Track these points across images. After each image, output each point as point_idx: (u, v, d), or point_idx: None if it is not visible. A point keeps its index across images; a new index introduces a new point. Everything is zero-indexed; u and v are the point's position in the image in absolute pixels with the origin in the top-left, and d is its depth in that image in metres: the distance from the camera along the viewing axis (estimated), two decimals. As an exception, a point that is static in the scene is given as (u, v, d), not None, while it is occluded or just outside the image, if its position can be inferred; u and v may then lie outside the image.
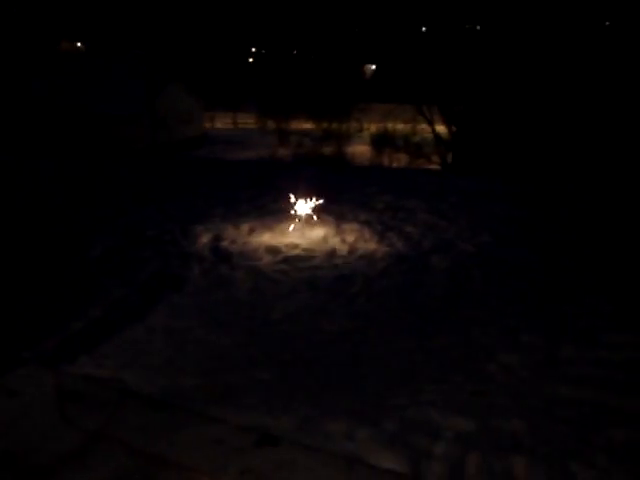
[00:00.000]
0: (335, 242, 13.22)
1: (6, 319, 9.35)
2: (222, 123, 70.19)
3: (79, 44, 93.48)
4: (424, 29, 54.82)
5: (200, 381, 7.72)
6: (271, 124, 64.08)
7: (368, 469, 6.03)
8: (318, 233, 13.78)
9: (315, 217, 14.43)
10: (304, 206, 14.47)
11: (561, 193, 17.84)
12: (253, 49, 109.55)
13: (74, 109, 49.70)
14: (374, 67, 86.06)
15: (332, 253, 12.56)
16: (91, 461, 6.00)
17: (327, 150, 43.07)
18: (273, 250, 12.70)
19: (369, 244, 13.13)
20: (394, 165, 35.56)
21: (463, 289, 10.79)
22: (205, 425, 6.63)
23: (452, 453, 6.39)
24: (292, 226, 14.08)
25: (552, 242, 13.34)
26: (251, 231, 13.94)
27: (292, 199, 14.61)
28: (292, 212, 14.50)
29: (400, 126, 44.62)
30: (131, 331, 9.12)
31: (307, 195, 14.64)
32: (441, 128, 37.96)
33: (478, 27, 46.99)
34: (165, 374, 7.88)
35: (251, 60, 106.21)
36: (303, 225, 14.13)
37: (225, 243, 13.16)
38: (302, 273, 11.50)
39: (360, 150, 44.80)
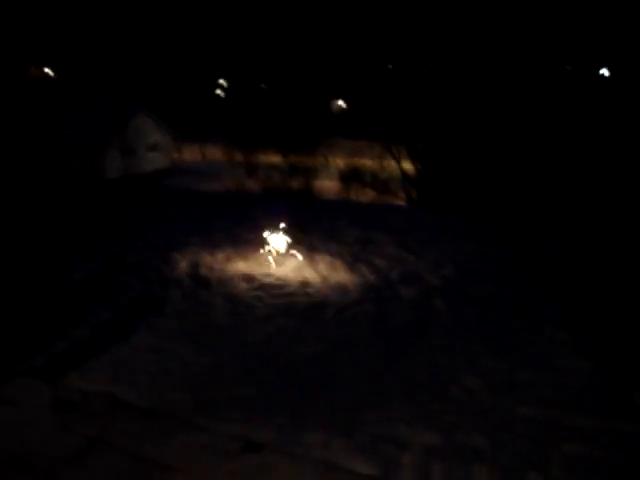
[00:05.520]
0: (307, 272, 13.84)
1: (-1, 336, 9.84)
2: (189, 154, 70.46)
3: (48, 70, 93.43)
4: (390, 66, 56.02)
5: (185, 396, 8.28)
6: (238, 156, 64.47)
7: (344, 472, 6.65)
8: (291, 263, 14.38)
9: (288, 248, 14.99)
10: (277, 237, 15.01)
11: (520, 229, 18.66)
12: (221, 81, 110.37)
13: (41, 135, 49.77)
14: (342, 103, 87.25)
15: (305, 282, 13.17)
16: (90, 463, 6.54)
17: (295, 184, 43.65)
18: (249, 278, 13.28)
19: (340, 274, 13.78)
20: (361, 200, 36.29)
21: (429, 317, 11.48)
22: (193, 433, 7.21)
23: (419, 462, 7.04)
24: (266, 256, 14.64)
25: (512, 275, 14.11)
26: (227, 259, 14.51)
27: (266, 230, 15.16)
28: (265, 243, 15.03)
29: (368, 162, 45.44)
30: (117, 350, 9.65)
31: (280, 227, 15.20)
32: (407, 165, 38.87)
33: (440, 66, 48.18)
34: (151, 389, 8.43)
35: (219, 92, 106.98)
36: (277, 255, 14.70)
37: (203, 270, 13.72)
38: (277, 300, 12.10)
39: (327, 185, 45.51)
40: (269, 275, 13.53)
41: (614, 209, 26.88)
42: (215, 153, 70.21)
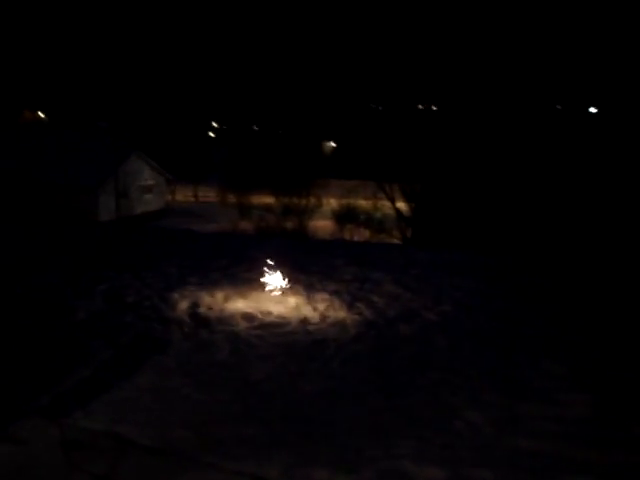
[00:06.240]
0: (307, 310, 13.94)
1: (2, 376, 9.87)
2: (183, 196, 70.94)
3: (41, 114, 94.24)
4: (380, 108, 56.76)
5: (190, 434, 8.31)
6: (232, 198, 64.91)
7: (353, 507, 6.70)
8: (290, 302, 14.49)
9: (286, 287, 15.13)
10: (275, 276, 15.18)
11: (514, 265, 18.87)
12: (214, 124, 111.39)
13: (35, 179, 50.02)
14: (333, 144, 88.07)
15: (305, 320, 13.26)
16: (100, 501, 6.58)
17: (289, 224, 44.09)
18: (248, 317, 13.36)
19: (339, 312, 13.88)
20: (356, 239, 36.59)
21: (428, 353, 11.57)
22: (201, 470, 7.26)
23: (426, 497, 7.09)
24: (264, 295, 14.77)
25: (508, 310, 14.26)
26: (226, 299, 14.60)
27: (263, 269, 15.33)
28: (263, 281, 15.20)
29: (361, 202, 45.87)
30: (120, 389, 9.67)
31: (277, 266, 15.38)
32: (401, 205, 39.35)
33: (433, 108, 48.86)
34: (156, 427, 8.45)
35: (212, 134, 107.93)
36: (275, 294, 14.84)
37: (202, 309, 13.80)
38: (278, 338, 12.17)
39: (321, 225, 45.94)
40: (269, 314, 13.61)
41: (607, 245, 27.17)
42: (208, 195, 70.69)
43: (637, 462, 7.92)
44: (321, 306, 14.24)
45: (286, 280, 15.26)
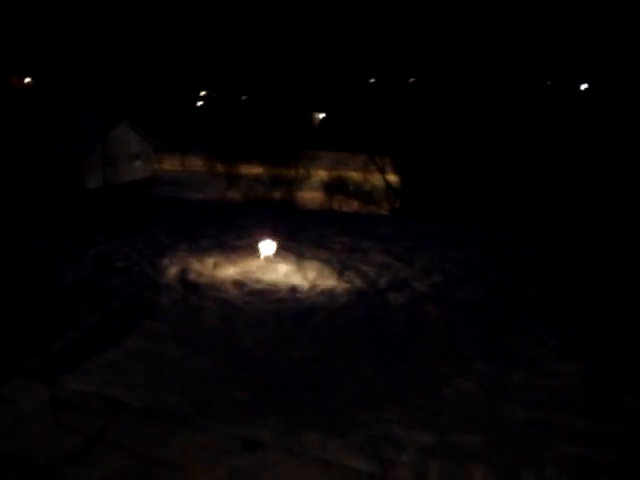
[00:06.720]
0: (297, 278, 13.91)
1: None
2: (170, 165, 70.36)
3: (28, 79, 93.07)
4: (372, 80, 56.48)
5: (181, 398, 8.30)
6: (219, 167, 64.49)
7: (342, 469, 6.72)
8: (280, 269, 14.45)
9: (276, 254, 15.08)
10: (266, 244, 15.11)
11: (502, 238, 18.86)
12: (202, 92, 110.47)
13: (23, 145, 49.49)
14: (322, 116, 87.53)
15: (295, 288, 13.24)
16: (92, 461, 6.56)
17: (277, 195, 43.96)
18: (239, 283, 13.32)
19: (329, 281, 13.86)
20: (346, 210, 36.53)
21: (419, 322, 11.58)
22: (193, 432, 7.25)
23: (416, 461, 7.10)
24: (255, 262, 14.72)
25: (497, 282, 14.28)
26: (216, 266, 14.54)
27: (253, 237, 15.28)
28: (254, 249, 15.14)
29: (351, 174, 45.73)
30: (110, 353, 9.65)
31: (268, 234, 15.31)
32: (391, 177, 39.31)
33: (422, 82, 48.65)
34: (147, 391, 8.44)
35: (200, 103, 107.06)
36: (266, 262, 14.79)
37: (192, 276, 13.75)
38: (268, 305, 12.15)
39: (310, 196, 45.78)
40: (259, 281, 13.58)
41: (594, 218, 27.27)
42: (196, 164, 70.20)
43: (624, 430, 7.98)
44: (311, 274, 14.21)
45: (276, 248, 15.20)
